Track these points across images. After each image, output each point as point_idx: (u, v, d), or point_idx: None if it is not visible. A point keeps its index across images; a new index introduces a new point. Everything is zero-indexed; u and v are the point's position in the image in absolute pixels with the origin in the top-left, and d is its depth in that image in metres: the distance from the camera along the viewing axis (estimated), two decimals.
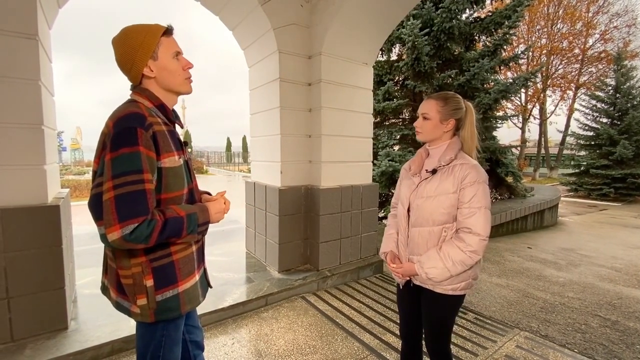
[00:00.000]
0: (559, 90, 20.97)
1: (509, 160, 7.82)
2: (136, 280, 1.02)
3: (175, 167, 1.05)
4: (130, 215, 0.91)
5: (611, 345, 2.49)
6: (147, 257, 1.02)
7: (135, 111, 0.98)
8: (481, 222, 1.28)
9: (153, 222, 0.94)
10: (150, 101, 1.07)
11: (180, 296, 1.08)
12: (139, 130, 0.95)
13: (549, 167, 21.98)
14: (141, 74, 1.06)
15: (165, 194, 1.04)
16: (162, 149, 1.01)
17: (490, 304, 3.15)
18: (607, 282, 3.93)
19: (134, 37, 1.04)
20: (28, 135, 1.97)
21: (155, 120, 1.02)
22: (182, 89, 1.13)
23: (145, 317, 1.05)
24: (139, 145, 0.94)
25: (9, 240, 1.93)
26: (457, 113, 1.39)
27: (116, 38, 1.06)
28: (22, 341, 2.00)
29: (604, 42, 19.33)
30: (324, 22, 3.12)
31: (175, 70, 1.09)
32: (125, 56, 1.05)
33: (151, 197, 0.96)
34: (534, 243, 5.96)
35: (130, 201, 0.91)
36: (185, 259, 1.10)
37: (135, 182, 0.92)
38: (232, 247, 4.12)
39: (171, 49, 1.08)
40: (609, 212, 10.44)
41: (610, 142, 13.32)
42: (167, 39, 1.08)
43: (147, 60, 1.04)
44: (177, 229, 1.00)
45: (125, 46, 1.04)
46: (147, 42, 1.04)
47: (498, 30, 6.72)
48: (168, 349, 1.12)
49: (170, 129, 1.09)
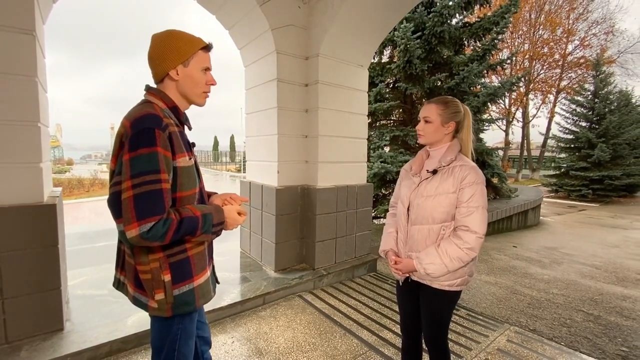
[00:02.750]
0: (541, 94, 21.71)
1: (494, 162, 8.05)
2: (154, 276, 1.05)
3: (188, 166, 1.08)
4: (148, 213, 0.93)
5: (595, 338, 2.63)
6: (164, 253, 1.05)
7: (152, 112, 1.01)
8: (478, 221, 1.34)
9: (169, 221, 0.97)
10: (165, 102, 1.10)
11: (196, 290, 1.12)
12: (157, 131, 0.97)
13: (531, 169, 22.69)
14: (166, 74, 1.10)
15: (180, 193, 1.07)
16: (176, 149, 1.04)
17: (480, 301, 3.26)
18: (589, 279, 4.12)
19: (175, 40, 1.09)
20: (25, 132, 1.93)
21: (170, 121, 1.05)
22: (197, 100, 1.18)
23: (162, 311, 1.07)
24: (157, 145, 0.97)
25: (4, 239, 1.88)
26: (456, 116, 1.46)
27: (158, 34, 1.11)
28: (17, 343, 1.96)
29: (583, 48, 20.15)
30: (322, 24, 3.16)
31: (199, 82, 1.14)
32: (159, 52, 1.09)
33: (167, 197, 0.99)
34: (519, 242, 6.17)
35: (148, 200, 0.94)
36: (199, 255, 1.14)
37: (153, 182, 0.95)
38: (227, 247, 4.11)
39: (203, 63, 1.14)
40: (588, 212, 10.89)
41: (589, 145, 13.90)
42: (203, 54, 1.14)
43: (177, 64, 1.09)
44: (192, 228, 1.02)
45: (164, 44, 1.09)
46: (184, 49, 1.09)
47: (486, 36, 6.92)
48: (184, 342, 1.15)
49: (181, 130, 1.13)
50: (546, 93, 21.43)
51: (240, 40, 3.60)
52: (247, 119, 3.80)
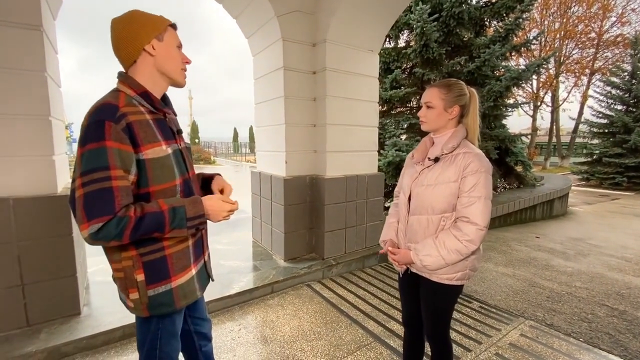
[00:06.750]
0: (573, 76, 20.38)
1: (518, 149, 7.69)
2: (127, 274, 1.00)
3: (161, 157, 1.00)
4: (96, 214, 0.87)
5: (618, 334, 2.48)
6: (137, 251, 0.99)
7: (108, 102, 0.94)
8: (480, 212, 1.26)
9: (124, 220, 0.89)
10: (132, 89, 1.01)
11: (174, 291, 1.06)
12: (107, 123, 0.90)
13: (561, 156, 21.56)
14: (140, 51, 1.02)
15: (154, 187, 0.99)
16: (142, 139, 0.96)
17: (495, 293, 3.15)
18: (617, 271, 3.88)
19: (143, 17, 1.03)
20: (36, 126, 2.01)
21: (134, 110, 0.97)
22: (177, 77, 1.10)
23: (138, 311, 1.04)
24: (105, 139, 0.89)
25: (21, 229, 1.99)
26: (461, 99, 1.36)
27: (119, 17, 1.04)
28: (37, 326, 2.08)
29: (621, 25, 18.65)
30: (329, 7, 3.06)
31: (176, 57, 1.08)
32: (129, 31, 1.01)
33: (120, 195, 0.90)
34: (543, 233, 5.90)
35: (96, 199, 0.88)
36: (179, 254, 1.07)
37: (102, 180, 0.88)
38: (239, 236, 4.18)
39: (176, 40, 1.09)
40: (621, 201, 10.24)
41: (625, 130, 12.97)
42: (173, 31, 1.09)
43: (152, 37, 1.02)
44: (156, 224, 0.94)
45: (133, 22, 1.02)
46: (156, 24, 1.04)
47: (510, 15, 6.51)
48: (165, 342, 1.12)
49: (159, 117, 1.05)
50: (579, 75, 20.11)
51: (247, 29, 3.56)
52: (255, 109, 3.79)
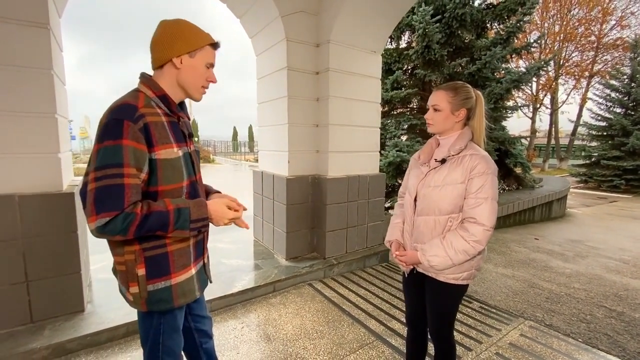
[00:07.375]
0: (572, 79, 20.43)
1: (517, 150, 7.72)
2: (129, 268, 1.03)
3: (172, 158, 1.03)
4: (105, 208, 0.90)
5: (616, 335, 2.51)
6: (140, 246, 1.02)
7: (128, 102, 0.98)
8: (487, 213, 1.28)
9: (130, 216, 0.92)
10: (153, 91, 1.06)
11: (173, 289, 1.08)
12: (126, 122, 0.94)
13: (559, 158, 21.61)
14: (168, 60, 1.06)
15: (163, 186, 1.03)
16: (157, 140, 1.00)
17: (495, 294, 3.17)
18: (615, 273, 3.92)
19: (186, 29, 1.07)
20: (43, 124, 2.02)
21: (152, 111, 1.01)
22: (195, 94, 1.14)
23: (138, 305, 1.06)
24: (122, 138, 0.93)
25: (26, 226, 2.00)
26: (467, 102, 1.38)
27: (168, 20, 1.08)
28: (41, 322, 2.09)
29: (621, 29, 18.68)
30: (333, 8, 3.08)
31: (201, 76, 1.11)
32: (167, 38, 1.05)
33: (130, 192, 0.93)
34: (541, 234, 5.94)
35: (107, 194, 0.91)
36: (181, 252, 1.09)
37: (114, 176, 0.91)
38: (241, 235, 4.19)
39: (208, 59, 1.12)
40: (619, 204, 10.30)
41: (623, 133, 13.03)
42: (210, 50, 1.12)
43: (184, 52, 1.06)
44: (161, 223, 0.97)
45: (174, 30, 1.06)
46: (194, 40, 1.07)
47: (511, 17, 6.54)
48: (167, 336, 1.13)
49: (173, 120, 1.09)
50: (578, 77, 20.16)
51: (251, 29, 3.58)
52: (258, 108, 3.81)
